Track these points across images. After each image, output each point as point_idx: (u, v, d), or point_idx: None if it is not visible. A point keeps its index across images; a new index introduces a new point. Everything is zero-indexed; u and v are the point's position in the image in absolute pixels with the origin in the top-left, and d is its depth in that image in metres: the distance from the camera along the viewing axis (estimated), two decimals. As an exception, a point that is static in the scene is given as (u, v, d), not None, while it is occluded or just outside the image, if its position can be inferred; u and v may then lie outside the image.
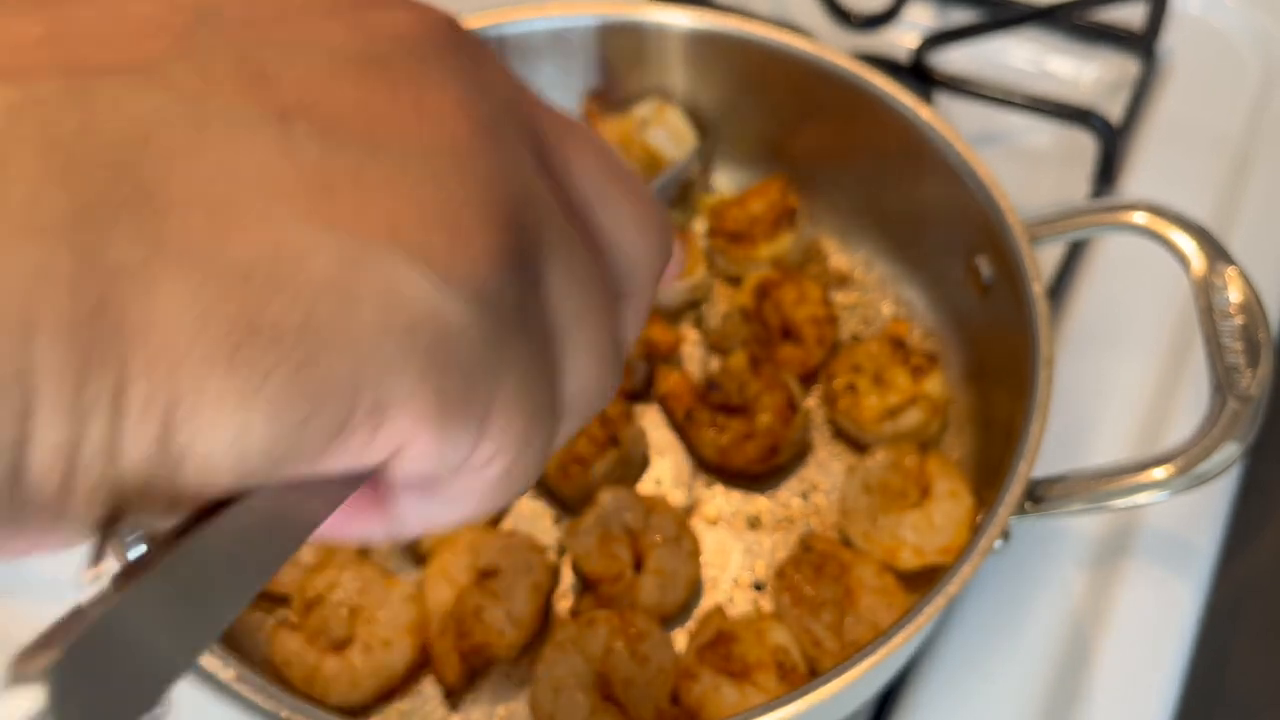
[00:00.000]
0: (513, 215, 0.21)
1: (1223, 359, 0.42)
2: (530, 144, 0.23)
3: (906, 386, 0.53)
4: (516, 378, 0.22)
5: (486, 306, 0.21)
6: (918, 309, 0.59)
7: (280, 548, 0.21)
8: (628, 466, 0.53)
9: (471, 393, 0.21)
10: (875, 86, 0.55)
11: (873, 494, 0.50)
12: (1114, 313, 0.59)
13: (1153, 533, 0.52)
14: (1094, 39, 0.72)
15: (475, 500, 0.24)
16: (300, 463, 0.20)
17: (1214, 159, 0.66)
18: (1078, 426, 0.55)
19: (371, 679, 0.46)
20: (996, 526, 0.41)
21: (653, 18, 0.59)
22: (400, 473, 0.22)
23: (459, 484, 0.23)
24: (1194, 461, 0.41)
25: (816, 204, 0.62)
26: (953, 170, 0.52)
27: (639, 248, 0.26)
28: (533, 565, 0.49)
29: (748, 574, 0.51)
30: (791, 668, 0.46)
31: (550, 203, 0.23)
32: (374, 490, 0.25)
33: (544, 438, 0.24)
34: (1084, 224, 0.48)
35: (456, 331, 0.20)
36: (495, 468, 0.23)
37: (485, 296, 0.21)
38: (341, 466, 0.21)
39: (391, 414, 0.20)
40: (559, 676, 0.45)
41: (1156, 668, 0.48)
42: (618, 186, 0.25)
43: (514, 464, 0.23)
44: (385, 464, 0.21)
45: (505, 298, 0.21)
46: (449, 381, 0.20)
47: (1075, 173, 0.66)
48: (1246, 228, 0.63)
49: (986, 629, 0.49)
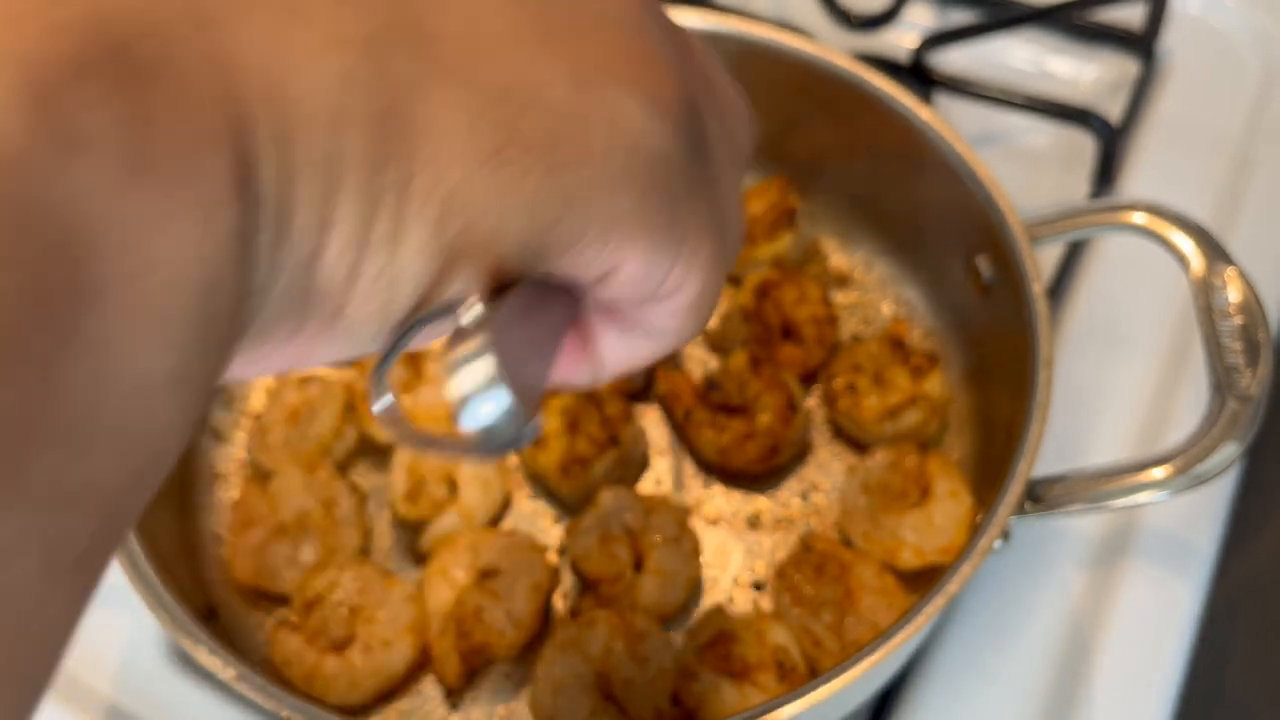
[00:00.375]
0: (683, 68, 0.25)
1: (1222, 359, 0.42)
2: None
3: (906, 386, 0.53)
4: (707, 203, 0.25)
5: (686, 135, 0.24)
6: (918, 309, 0.59)
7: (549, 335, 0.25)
8: (628, 466, 0.53)
9: (676, 214, 0.24)
10: (875, 87, 0.55)
11: (873, 494, 0.50)
12: (1114, 313, 0.59)
13: (1152, 533, 0.52)
14: (1094, 39, 0.72)
15: (671, 329, 0.28)
16: (548, 262, 0.23)
17: (1213, 159, 0.66)
18: (1077, 426, 0.55)
19: (371, 679, 0.46)
20: (996, 526, 0.41)
21: (653, 18, 0.59)
22: (609, 294, 0.25)
23: (656, 312, 0.27)
24: (1193, 461, 0.41)
25: (816, 204, 0.62)
26: (952, 170, 0.52)
27: (741, 120, 0.30)
28: (533, 565, 0.49)
29: (748, 574, 0.51)
30: (791, 668, 0.46)
31: (695, 70, 0.26)
32: (580, 335, 0.29)
33: (724, 267, 0.27)
34: (1084, 224, 0.48)
35: (665, 154, 0.24)
36: (687, 293, 0.26)
37: (683, 127, 0.24)
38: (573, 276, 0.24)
39: (619, 229, 0.23)
40: (559, 677, 0.45)
41: (1156, 667, 0.48)
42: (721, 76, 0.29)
43: (702, 290, 0.26)
44: (603, 285, 0.25)
45: (693, 131, 0.25)
46: (662, 200, 0.24)
47: (1075, 173, 0.66)
48: (1246, 228, 0.63)
49: (986, 629, 0.49)
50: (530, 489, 0.54)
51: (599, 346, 0.29)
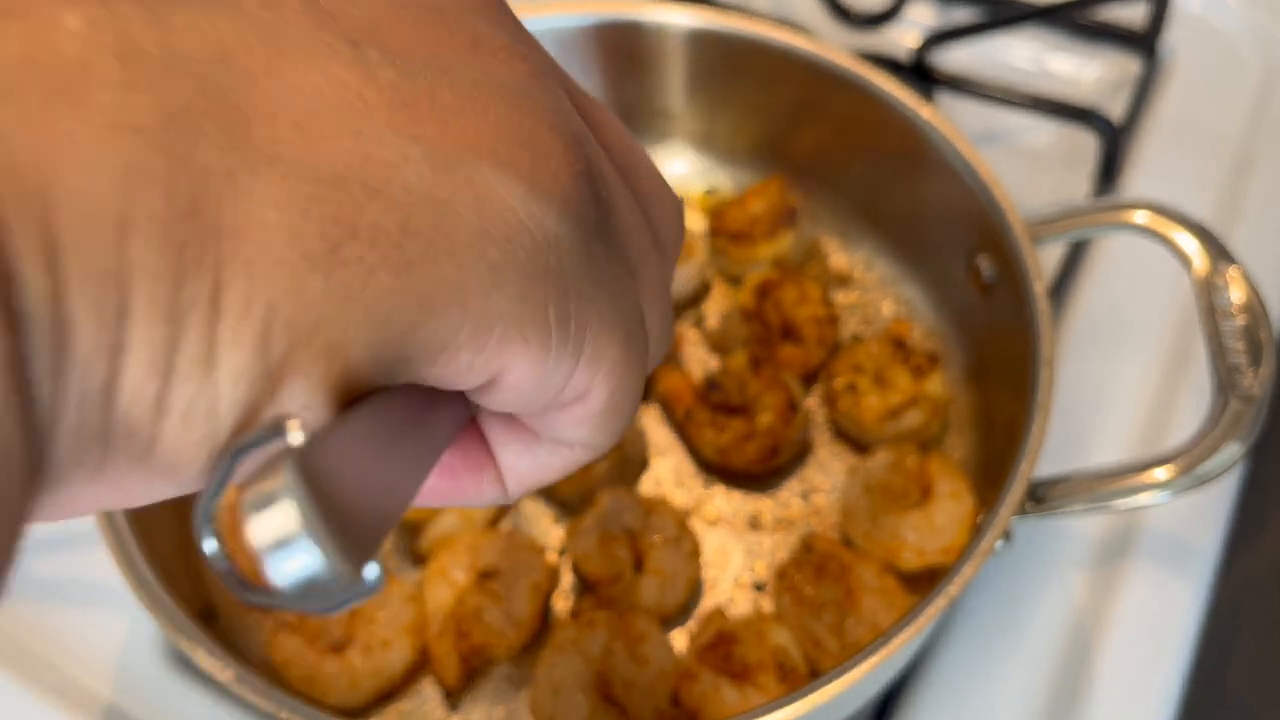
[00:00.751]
0: (579, 144, 0.22)
1: (1225, 359, 0.42)
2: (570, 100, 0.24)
3: (907, 386, 0.53)
4: (609, 297, 0.22)
5: (575, 221, 0.21)
6: (919, 309, 0.59)
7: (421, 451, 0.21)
8: (628, 466, 0.53)
9: (571, 310, 0.21)
10: (876, 85, 0.55)
11: (874, 494, 0.50)
12: (1116, 312, 0.59)
13: (1154, 533, 0.52)
14: (1095, 38, 0.72)
15: (582, 439, 0.24)
16: (414, 371, 0.20)
17: (1215, 158, 0.66)
18: (1079, 426, 0.55)
19: (371, 680, 0.46)
20: (998, 527, 0.40)
21: (653, 16, 0.59)
22: (498, 403, 0.22)
23: (561, 421, 0.23)
24: (1196, 461, 0.41)
25: (816, 204, 0.61)
26: (954, 170, 0.52)
27: (666, 208, 0.26)
28: (532, 566, 0.48)
29: (748, 574, 0.51)
30: (792, 668, 0.46)
31: (599, 148, 0.23)
32: (477, 447, 0.25)
33: (640, 365, 0.24)
34: (1085, 223, 0.48)
35: (552, 242, 0.20)
36: (595, 400, 0.23)
37: (572, 211, 0.21)
38: (446, 384, 0.21)
39: (497, 332, 0.20)
40: (559, 677, 0.45)
41: (1158, 668, 0.48)
42: (641, 163, 0.26)
43: (612, 395, 0.23)
44: (488, 393, 0.21)
45: (588, 215, 0.21)
46: (551, 296, 0.20)
47: (1077, 172, 0.66)
48: (1248, 227, 0.62)
49: (988, 630, 0.49)
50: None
51: (501, 460, 0.25)
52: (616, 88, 0.62)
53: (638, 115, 0.63)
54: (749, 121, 0.62)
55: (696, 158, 0.65)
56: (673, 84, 0.62)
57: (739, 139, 0.63)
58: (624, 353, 0.23)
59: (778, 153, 0.62)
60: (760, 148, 0.63)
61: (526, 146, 0.20)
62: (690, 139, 0.64)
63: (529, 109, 0.21)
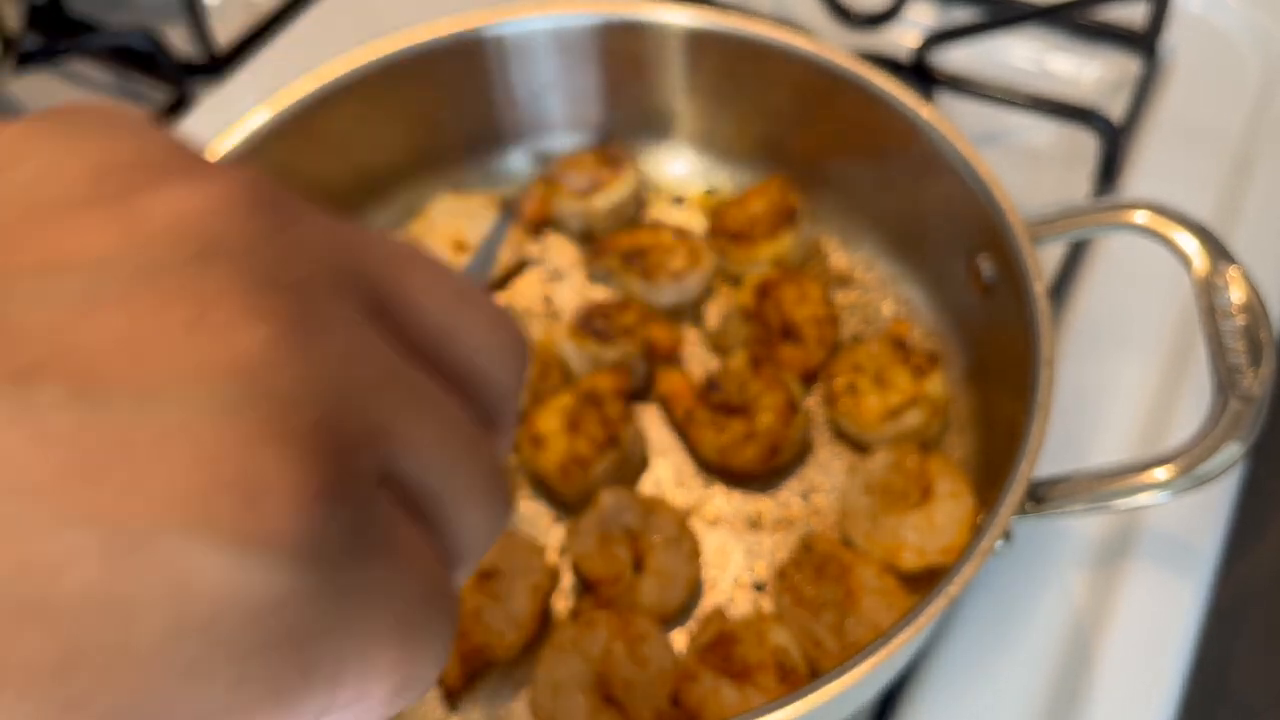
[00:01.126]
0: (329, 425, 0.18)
1: (1225, 359, 0.42)
2: (359, 298, 0.20)
3: (907, 387, 0.53)
4: (375, 609, 0.19)
5: (308, 558, 0.17)
6: (919, 309, 0.59)
7: None
8: (627, 467, 0.53)
9: (314, 658, 0.18)
10: (876, 85, 0.55)
11: (874, 494, 0.50)
12: (1116, 313, 0.59)
13: (1155, 533, 0.51)
14: (1095, 38, 0.72)
15: None
16: None
17: (1216, 158, 0.66)
18: (1079, 427, 0.55)
19: (371, 680, 0.46)
20: (998, 527, 0.40)
21: (653, 16, 0.59)
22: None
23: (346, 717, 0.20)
24: (1196, 462, 0.41)
25: (817, 204, 0.61)
26: (954, 169, 0.52)
27: (499, 368, 0.23)
28: (532, 566, 0.48)
29: (748, 575, 0.51)
30: (792, 669, 0.46)
31: (388, 364, 0.20)
32: None
33: (438, 633, 0.21)
34: (1085, 223, 0.48)
35: (275, 603, 0.17)
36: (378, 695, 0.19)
37: (303, 548, 0.17)
38: None
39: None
40: (559, 678, 0.45)
41: (1158, 669, 0.48)
42: (464, 311, 0.22)
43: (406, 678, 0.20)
44: None
45: (331, 533, 0.17)
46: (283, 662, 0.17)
47: (1077, 172, 0.66)
48: (1248, 227, 0.62)
49: (988, 630, 0.49)
50: (530, 489, 0.54)
51: None
52: (616, 88, 0.62)
53: (638, 115, 0.63)
54: (749, 121, 0.62)
55: (696, 158, 0.65)
56: (673, 84, 0.62)
57: (739, 139, 0.63)
58: (402, 646, 0.19)
59: (778, 153, 0.62)
60: (760, 148, 0.63)
61: (235, 487, 0.16)
62: (690, 139, 0.64)
63: (253, 412, 0.17)
